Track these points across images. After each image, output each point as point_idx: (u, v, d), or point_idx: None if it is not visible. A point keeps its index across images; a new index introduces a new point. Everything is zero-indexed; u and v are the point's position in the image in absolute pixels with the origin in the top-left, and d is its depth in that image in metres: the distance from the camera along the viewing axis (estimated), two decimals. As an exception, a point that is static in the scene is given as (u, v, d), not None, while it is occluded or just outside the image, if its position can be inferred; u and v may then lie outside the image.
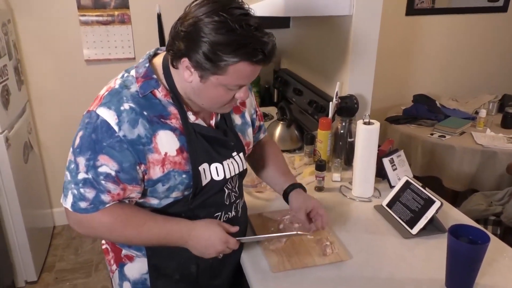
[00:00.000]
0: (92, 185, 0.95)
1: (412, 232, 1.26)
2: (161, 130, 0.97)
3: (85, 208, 0.97)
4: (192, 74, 0.93)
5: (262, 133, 1.36)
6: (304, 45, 2.28)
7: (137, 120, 0.94)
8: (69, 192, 0.97)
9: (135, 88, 0.97)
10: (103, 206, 0.97)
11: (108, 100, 0.95)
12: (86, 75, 2.72)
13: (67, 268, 2.55)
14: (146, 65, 1.00)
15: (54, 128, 2.79)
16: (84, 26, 2.62)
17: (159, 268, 1.12)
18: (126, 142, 0.93)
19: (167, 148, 0.98)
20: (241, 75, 0.91)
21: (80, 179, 0.95)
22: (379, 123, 1.43)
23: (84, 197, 0.96)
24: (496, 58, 3.31)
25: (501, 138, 2.46)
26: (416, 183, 1.36)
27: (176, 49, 0.92)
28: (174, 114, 0.99)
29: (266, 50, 0.89)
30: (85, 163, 0.94)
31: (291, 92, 2.26)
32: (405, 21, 3.05)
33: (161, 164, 0.98)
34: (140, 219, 1.01)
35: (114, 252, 1.17)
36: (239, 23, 0.86)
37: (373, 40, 1.70)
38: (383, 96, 2.94)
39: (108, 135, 0.92)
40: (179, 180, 1.01)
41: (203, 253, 1.05)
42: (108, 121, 0.92)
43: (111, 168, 0.94)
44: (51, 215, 2.93)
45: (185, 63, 0.92)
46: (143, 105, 0.96)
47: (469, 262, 1.00)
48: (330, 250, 1.16)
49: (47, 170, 2.88)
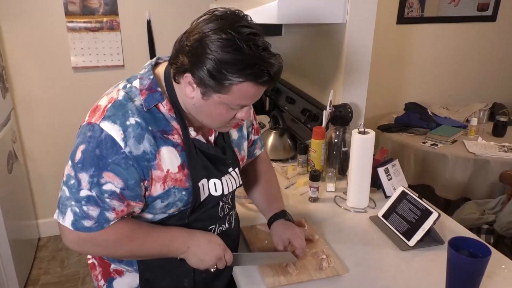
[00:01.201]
0: (96, 203, 0.90)
1: (409, 244, 1.23)
2: (164, 146, 0.94)
3: (89, 227, 0.91)
4: (194, 90, 0.90)
5: (258, 149, 1.31)
6: (297, 53, 2.26)
7: (143, 135, 0.90)
8: (68, 210, 0.91)
9: (139, 101, 0.93)
10: (107, 224, 0.93)
11: (113, 113, 0.90)
12: (74, 83, 2.66)
13: (52, 282, 2.46)
14: (151, 77, 0.96)
15: (40, 137, 2.72)
16: (72, 33, 2.57)
17: (151, 283, 1.08)
18: (131, 158, 0.89)
19: (169, 165, 0.95)
20: (245, 95, 0.89)
21: (83, 196, 0.90)
22: (374, 132, 1.40)
23: (88, 216, 0.90)
24: (486, 66, 3.34)
25: (492, 146, 2.46)
26: (413, 193, 1.34)
27: (179, 64, 0.89)
28: (176, 129, 0.96)
29: (272, 71, 0.86)
30: (88, 180, 0.89)
31: (283, 101, 2.23)
32: (397, 30, 3.06)
33: (162, 181, 0.94)
34: (143, 231, 0.98)
35: (101, 267, 1.12)
36: (247, 42, 0.83)
37: (367, 48, 1.68)
38: (374, 105, 2.93)
39: (113, 151, 0.88)
40: (179, 197, 0.98)
41: (202, 259, 1.02)
42: (114, 137, 0.88)
43: (116, 185, 0.90)
44: (36, 227, 2.84)
45: (187, 79, 0.89)
46: (148, 119, 0.92)
47: (470, 276, 0.97)
48: (327, 263, 1.13)
49: (33, 180, 2.80)
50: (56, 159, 2.73)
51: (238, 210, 1.41)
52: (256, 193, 1.28)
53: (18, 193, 2.52)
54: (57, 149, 2.72)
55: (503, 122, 2.64)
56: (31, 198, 2.79)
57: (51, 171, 2.77)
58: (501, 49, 3.32)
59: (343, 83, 1.71)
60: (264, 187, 1.28)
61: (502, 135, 2.63)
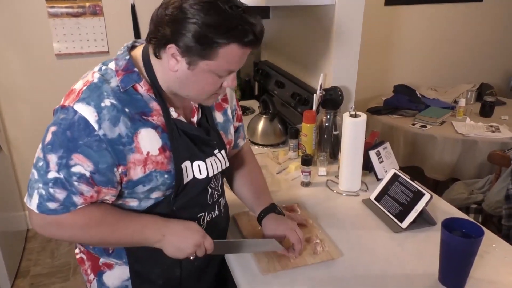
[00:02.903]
0: (63, 186, 0.87)
1: (402, 226, 1.24)
2: (143, 128, 0.91)
3: (54, 209, 0.89)
4: (178, 62, 0.88)
5: (242, 140, 1.27)
6: (286, 36, 2.23)
7: (118, 117, 0.87)
8: (34, 192, 0.89)
9: (115, 82, 0.90)
10: (74, 208, 0.90)
11: (87, 95, 0.88)
12: (57, 70, 2.59)
13: (43, 273, 2.44)
14: (126, 58, 0.93)
15: (24, 127, 2.65)
16: (53, 19, 2.49)
17: (141, 274, 1.07)
18: (105, 141, 0.86)
19: (149, 147, 0.92)
20: (232, 58, 0.87)
21: (50, 178, 0.87)
22: (365, 115, 1.40)
23: (54, 198, 0.88)
24: (473, 47, 3.35)
25: (480, 126, 2.48)
26: (404, 175, 1.34)
27: (160, 36, 0.86)
28: (156, 110, 0.93)
29: (256, 31, 0.86)
30: (56, 161, 0.86)
31: (272, 85, 2.21)
32: (385, 11, 3.04)
33: (142, 164, 0.92)
34: (115, 217, 0.95)
35: (90, 261, 1.10)
36: (228, 4, 0.83)
37: (356, 30, 1.66)
38: (363, 87, 2.90)
39: (85, 133, 0.85)
40: (161, 181, 0.95)
41: (179, 247, 0.98)
42: (87, 118, 0.85)
43: (85, 168, 0.87)
44: (24, 218, 2.80)
45: (171, 50, 0.86)
46: (125, 101, 0.89)
47: (463, 256, 0.98)
48: (321, 248, 1.13)
49: (18, 171, 2.74)
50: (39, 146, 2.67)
51: (230, 197, 1.40)
52: (242, 188, 1.23)
53: (4, 184, 2.47)
54: (43, 139, 2.66)
55: (490, 102, 2.66)
56: (17, 189, 2.74)
57: (37, 161, 2.71)
58: (488, 29, 3.33)
59: (333, 66, 1.70)
60: (250, 181, 1.23)
61: (490, 116, 2.66)
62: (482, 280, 1.04)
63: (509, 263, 1.10)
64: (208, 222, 1.09)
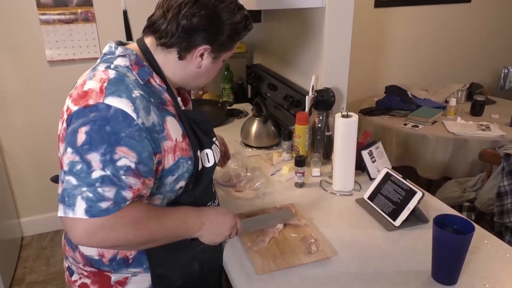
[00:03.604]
0: (112, 182, 0.82)
1: (395, 224, 1.25)
2: (168, 116, 0.95)
3: (106, 208, 0.82)
4: (202, 60, 0.98)
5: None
6: (277, 39, 2.25)
7: (149, 107, 0.90)
8: (77, 199, 0.81)
9: (133, 75, 0.92)
10: (125, 204, 0.84)
11: (115, 89, 0.87)
12: (50, 77, 2.59)
13: (38, 280, 2.43)
14: (134, 53, 0.95)
15: (18, 134, 2.64)
16: (45, 25, 2.49)
17: (163, 278, 1.05)
18: (144, 130, 0.87)
19: (175, 134, 0.95)
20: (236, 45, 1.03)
21: (96, 177, 0.81)
22: (357, 116, 1.41)
23: (104, 197, 0.82)
24: (462, 47, 3.39)
25: (471, 125, 2.51)
26: (397, 174, 1.35)
27: (193, 41, 0.94)
28: (169, 101, 0.98)
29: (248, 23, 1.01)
30: (100, 159, 0.82)
31: (265, 88, 2.22)
32: (374, 13, 3.07)
33: (173, 152, 0.94)
34: (157, 210, 0.94)
35: (98, 283, 1.02)
36: (236, 3, 0.97)
37: (346, 32, 1.68)
38: (356, 89, 2.95)
39: (126, 125, 0.84)
40: (186, 168, 0.98)
41: (219, 232, 1.02)
42: (124, 109, 0.85)
43: (130, 160, 0.84)
44: (18, 226, 2.78)
45: (200, 51, 0.96)
46: (148, 92, 0.92)
47: (455, 252, 1.00)
48: (315, 247, 1.14)
49: (13, 179, 2.73)
50: (36, 156, 2.67)
51: (223, 199, 1.42)
52: None
53: (-3, 192, 2.46)
54: (36, 146, 2.66)
55: (480, 101, 2.69)
56: (11, 197, 2.72)
57: (31, 168, 2.71)
58: (476, 30, 3.38)
59: (324, 67, 1.72)
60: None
61: (480, 114, 2.69)
62: (474, 275, 1.06)
63: (501, 258, 1.12)
64: None
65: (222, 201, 1.40)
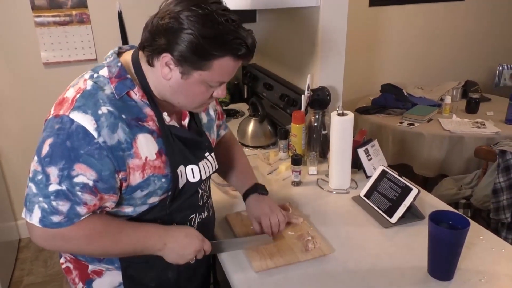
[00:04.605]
0: (66, 197, 0.86)
1: (391, 221, 1.26)
2: (140, 134, 0.92)
3: (58, 222, 0.88)
4: (171, 71, 0.89)
5: (223, 130, 1.33)
6: (272, 39, 2.25)
7: (116, 124, 0.88)
8: (35, 206, 0.88)
9: (109, 89, 0.90)
10: (78, 219, 0.89)
11: (83, 103, 0.87)
12: (45, 79, 2.58)
13: (36, 282, 2.42)
14: (118, 64, 0.93)
15: (14, 136, 2.63)
16: (40, 28, 2.49)
17: (135, 279, 1.07)
18: (106, 149, 0.86)
19: (147, 152, 0.93)
20: (224, 70, 0.90)
21: (52, 191, 0.86)
22: (352, 114, 1.42)
23: (57, 211, 0.87)
24: (457, 45, 3.41)
25: (466, 123, 2.53)
26: (392, 172, 1.36)
27: (155, 45, 0.87)
28: (150, 116, 0.94)
29: (249, 44, 0.88)
30: (58, 174, 0.85)
31: (261, 87, 2.23)
32: (369, 12, 3.08)
33: (141, 170, 0.92)
34: (117, 227, 0.95)
35: (78, 270, 1.08)
36: (224, 17, 0.85)
37: (341, 30, 1.69)
38: (351, 88, 2.95)
39: (86, 142, 0.85)
40: (159, 185, 0.96)
41: (181, 254, 1.00)
42: (86, 127, 0.85)
43: (88, 177, 0.86)
44: (15, 228, 2.78)
45: (165, 59, 0.87)
46: (121, 107, 0.89)
47: (450, 247, 1.00)
48: (312, 245, 1.14)
49: (9, 181, 2.72)
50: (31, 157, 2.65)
51: (221, 197, 1.43)
52: (228, 172, 1.29)
53: (-6, 195, 2.45)
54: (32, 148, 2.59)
55: (475, 99, 2.70)
56: (8, 199, 2.72)
57: (27, 170, 2.67)
58: (471, 27, 3.39)
59: (320, 66, 1.72)
60: (235, 164, 1.29)
61: (475, 112, 2.70)
62: (469, 270, 1.06)
63: (496, 253, 1.13)
64: (199, 223, 1.11)
65: (220, 201, 1.40)
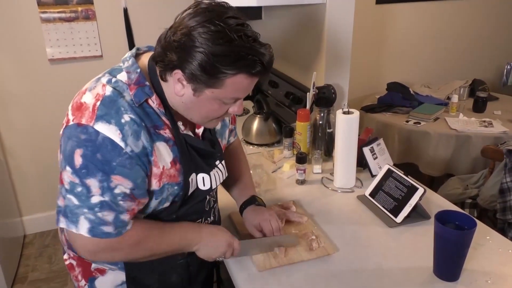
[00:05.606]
0: (110, 208, 0.87)
1: (396, 221, 1.25)
2: (158, 142, 0.91)
3: (108, 232, 0.88)
4: (184, 87, 0.87)
5: (232, 137, 1.30)
6: (278, 36, 2.24)
7: (139, 131, 0.87)
8: (80, 218, 0.87)
9: (129, 96, 0.88)
10: (125, 230, 0.91)
11: (105, 112, 0.85)
12: (51, 75, 2.59)
13: (41, 278, 2.43)
14: (138, 70, 0.91)
15: (20, 133, 2.64)
16: (46, 24, 2.49)
17: (138, 280, 1.07)
18: (134, 157, 0.86)
19: (163, 161, 0.93)
20: (238, 87, 0.86)
21: (95, 202, 0.86)
22: (358, 112, 1.41)
23: (104, 221, 0.87)
24: (464, 43, 3.38)
25: (473, 122, 2.50)
26: (398, 171, 1.35)
27: (167, 61, 0.85)
28: (166, 124, 0.93)
29: (264, 61, 0.84)
30: (98, 185, 0.85)
31: (266, 85, 2.22)
32: (376, 10, 3.05)
33: (158, 179, 0.93)
34: (157, 228, 0.98)
35: (81, 267, 1.08)
36: (237, 33, 0.81)
37: (348, 28, 1.68)
38: (357, 86, 2.94)
39: (116, 154, 0.84)
40: (171, 191, 0.97)
41: (216, 246, 1.03)
42: (112, 138, 0.84)
43: (125, 187, 0.87)
44: (21, 224, 2.79)
45: (177, 76, 0.85)
46: (141, 115, 0.88)
47: (457, 248, 0.99)
48: (316, 244, 1.14)
49: (15, 178, 2.73)
50: (38, 155, 2.67)
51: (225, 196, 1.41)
52: (231, 186, 1.27)
53: (0, 191, 2.46)
54: (38, 145, 2.66)
55: (483, 98, 2.68)
56: (14, 195, 2.73)
57: (33, 167, 2.71)
58: (479, 25, 3.36)
59: (325, 64, 1.71)
60: (237, 176, 1.26)
61: (483, 111, 2.68)
62: (476, 271, 1.05)
63: (503, 254, 1.12)
64: None
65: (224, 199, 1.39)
